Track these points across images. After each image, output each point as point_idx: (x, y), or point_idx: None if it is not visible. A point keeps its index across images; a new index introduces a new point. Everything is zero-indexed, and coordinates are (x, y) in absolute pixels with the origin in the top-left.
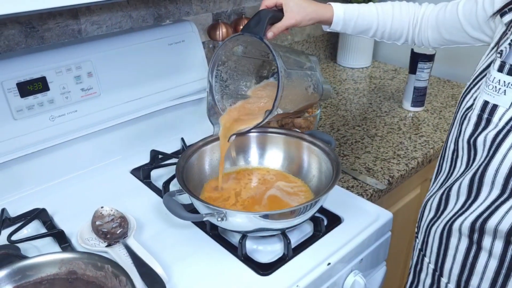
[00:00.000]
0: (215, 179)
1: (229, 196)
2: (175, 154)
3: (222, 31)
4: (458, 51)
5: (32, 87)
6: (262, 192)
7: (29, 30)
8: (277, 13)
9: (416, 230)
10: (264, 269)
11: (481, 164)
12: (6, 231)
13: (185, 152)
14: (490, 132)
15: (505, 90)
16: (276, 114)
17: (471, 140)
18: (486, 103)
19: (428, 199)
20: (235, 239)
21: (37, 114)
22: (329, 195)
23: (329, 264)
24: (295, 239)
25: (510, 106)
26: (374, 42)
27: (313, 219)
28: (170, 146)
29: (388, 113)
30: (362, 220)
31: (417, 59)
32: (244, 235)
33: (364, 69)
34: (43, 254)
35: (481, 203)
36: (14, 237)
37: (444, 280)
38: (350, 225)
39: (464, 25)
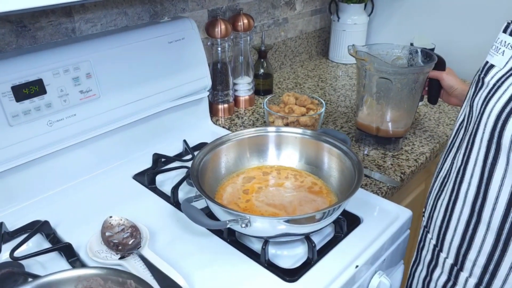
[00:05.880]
0: (230, 180)
1: (248, 199)
2: (177, 157)
3: (221, 27)
4: (456, 48)
5: (28, 90)
6: (282, 194)
7: (20, 29)
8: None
9: (423, 209)
10: (290, 274)
11: (474, 125)
12: (6, 246)
13: (198, 154)
14: (484, 92)
15: (504, 51)
16: None
17: (470, 102)
18: (486, 63)
19: (438, 172)
20: (253, 244)
21: (34, 120)
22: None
23: (357, 266)
24: (316, 241)
25: (504, 66)
26: (366, 37)
27: (333, 220)
28: (172, 148)
29: None
30: (382, 219)
31: None
32: (267, 241)
33: None
34: (60, 271)
35: (473, 170)
36: (17, 253)
37: (443, 255)
38: (371, 225)
39: None
